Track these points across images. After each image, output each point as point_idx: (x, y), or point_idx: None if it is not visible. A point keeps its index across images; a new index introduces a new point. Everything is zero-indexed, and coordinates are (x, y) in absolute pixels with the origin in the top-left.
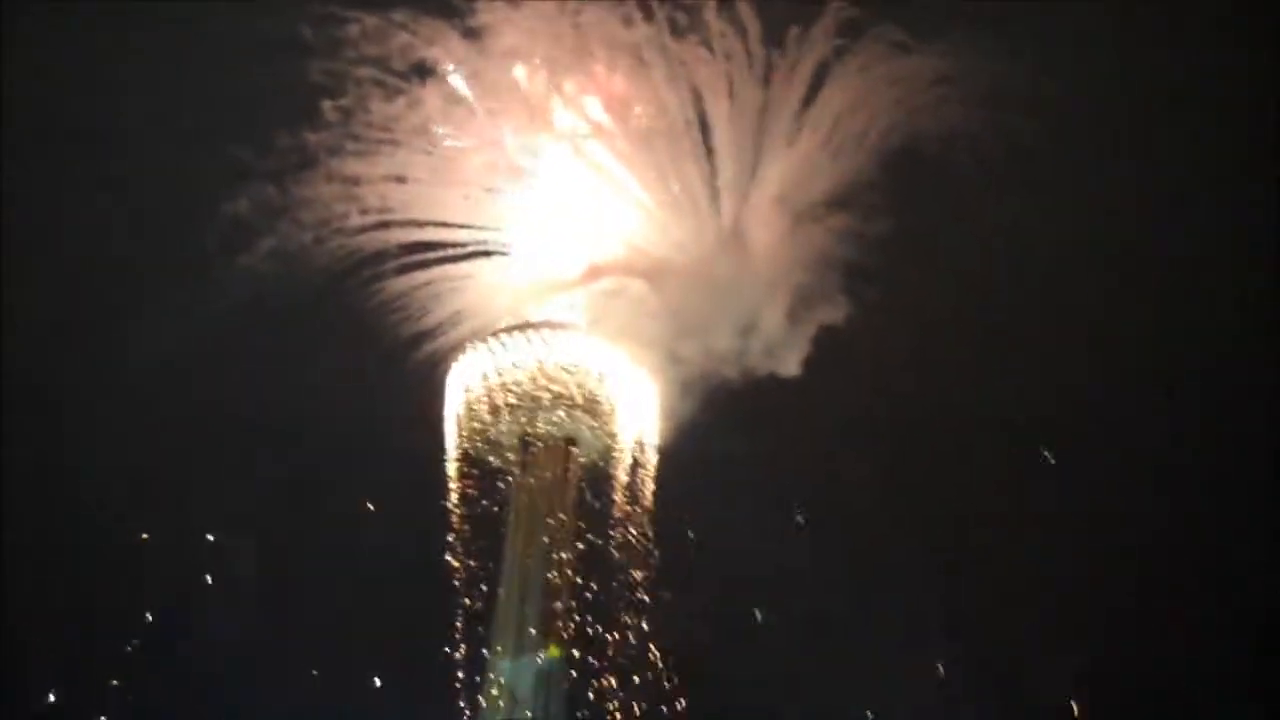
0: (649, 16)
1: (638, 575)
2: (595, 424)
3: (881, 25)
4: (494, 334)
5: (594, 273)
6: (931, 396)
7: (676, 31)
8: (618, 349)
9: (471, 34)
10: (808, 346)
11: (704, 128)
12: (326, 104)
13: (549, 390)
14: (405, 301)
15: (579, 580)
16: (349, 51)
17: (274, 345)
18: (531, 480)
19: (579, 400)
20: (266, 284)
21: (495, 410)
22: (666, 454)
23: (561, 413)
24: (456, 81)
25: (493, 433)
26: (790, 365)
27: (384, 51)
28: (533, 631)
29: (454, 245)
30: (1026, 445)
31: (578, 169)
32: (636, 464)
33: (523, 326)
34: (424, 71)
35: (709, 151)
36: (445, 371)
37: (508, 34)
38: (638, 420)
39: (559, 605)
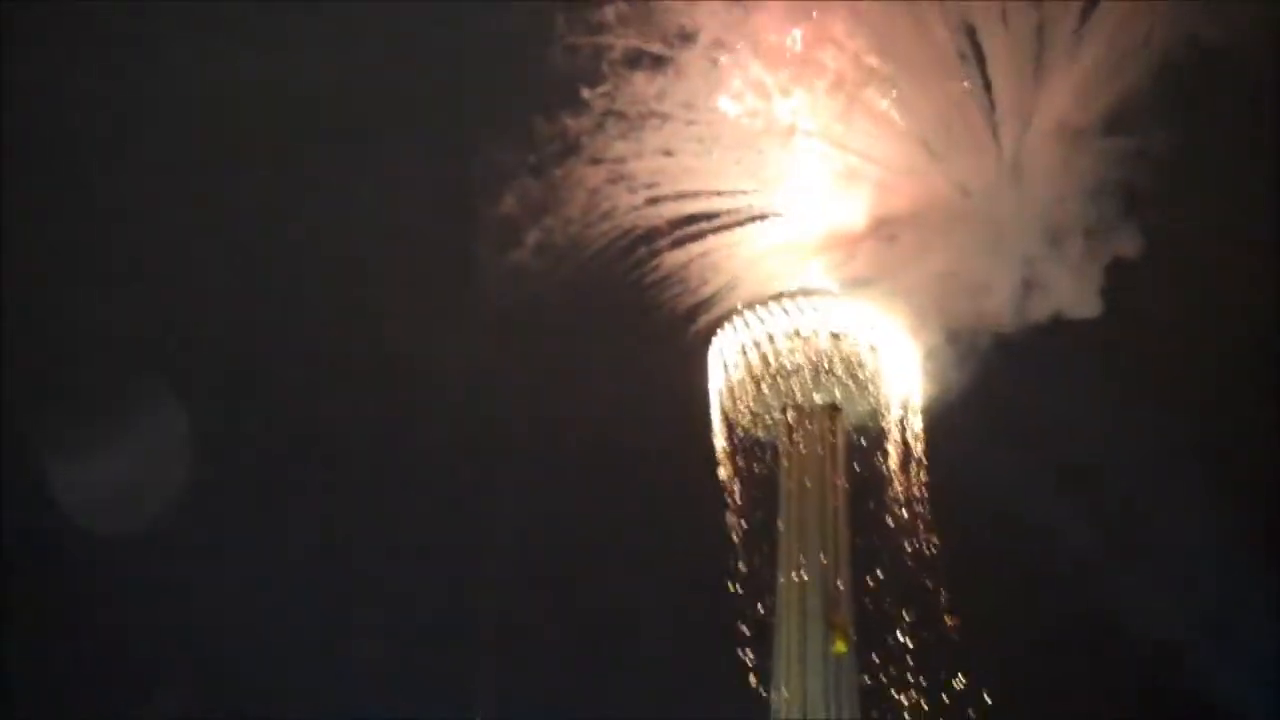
0: None
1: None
2: (862, 391)
3: None
4: (753, 305)
5: (872, 226)
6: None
7: None
8: (888, 308)
9: None
10: (1101, 284)
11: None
12: (584, 88)
13: (811, 359)
14: (680, 276)
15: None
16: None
17: (550, 339)
18: (799, 451)
19: (842, 368)
20: (539, 279)
21: (758, 382)
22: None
23: (826, 381)
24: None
25: (756, 406)
26: (1087, 304)
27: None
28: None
29: (726, 213)
30: None
31: (850, 120)
32: (906, 430)
33: (781, 295)
34: (683, 38)
35: (986, 85)
36: (711, 346)
37: None
38: (908, 385)
39: (842, 592)
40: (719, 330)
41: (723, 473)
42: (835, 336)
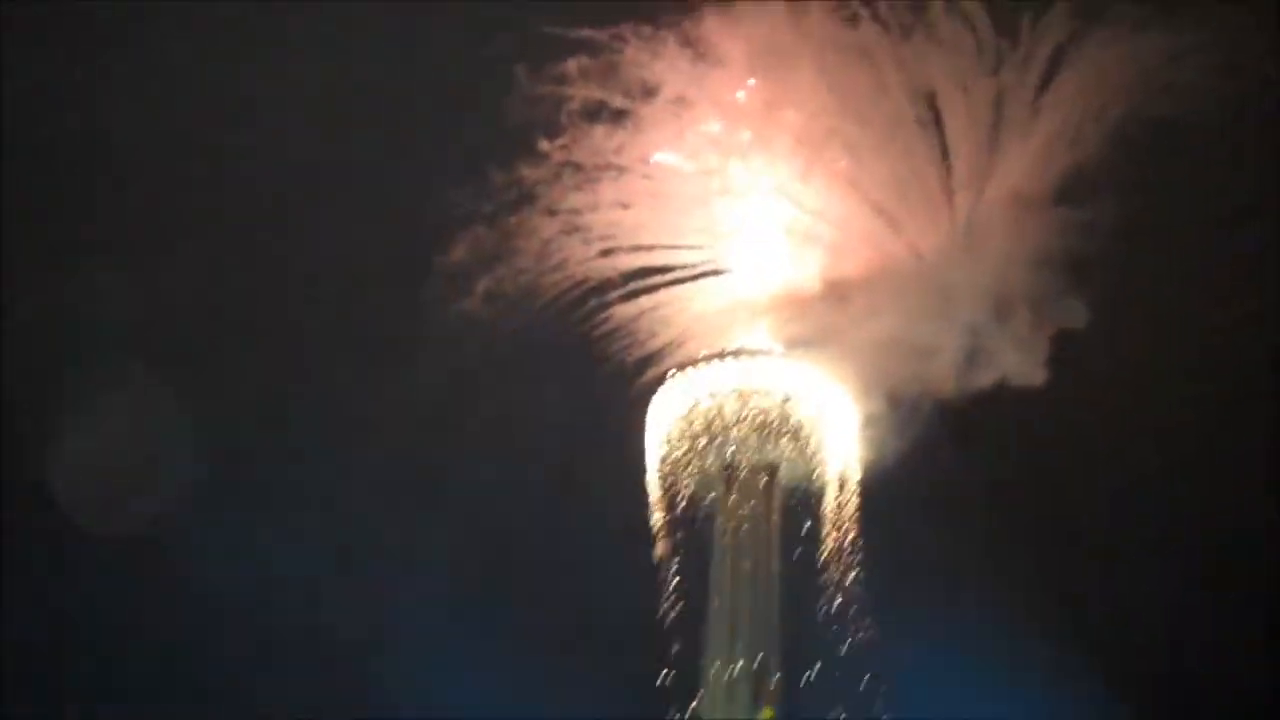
0: (875, 16)
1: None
2: (799, 451)
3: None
4: (696, 362)
5: (822, 287)
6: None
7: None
8: (831, 371)
9: (689, 49)
10: (1047, 353)
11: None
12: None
13: (751, 418)
14: (630, 329)
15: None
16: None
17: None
18: (735, 512)
19: (781, 427)
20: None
21: (697, 440)
22: (880, 480)
23: (765, 440)
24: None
25: (696, 463)
26: (1032, 373)
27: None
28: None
29: (677, 268)
30: None
31: (807, 180)
32: (843, 492)
33: (724, 354)
34: (645, 92)
35: (943, 150)
36: (653, 401)
37: (725, 47)
38: (846, 446)
39: (771, 659)
40: (660, 386)
41: (660, 538)
42: (775, 397)
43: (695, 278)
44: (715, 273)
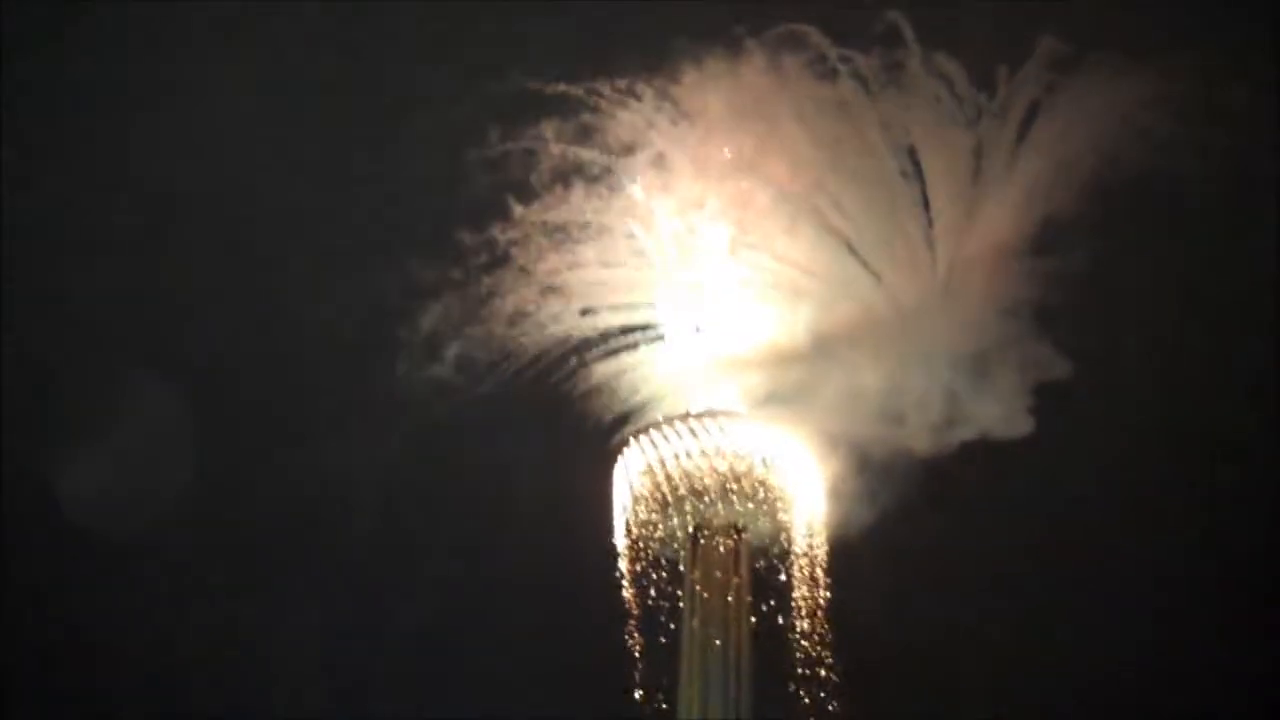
0: (853, 72)
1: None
2: (769, 514)
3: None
4: (661, 424)
5: (803, 343)
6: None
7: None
8: (805, 431)
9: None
10: (1030, 408)
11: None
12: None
13: (717, 481)
14: (602, 389)
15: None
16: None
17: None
18: (702, 578)
19: (749, 490)
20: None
21: (663, 504)
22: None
23: (732, 504)
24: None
25: (661, 528)
26: (1014, 426)
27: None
28: None
29: (647, 328)
30: None
31: (791, 235)
32: (812, 555)
33: (688, 416)
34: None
35: (924, 201)
36: (617, 464)
37: (702, 103)
38: (815, 507)
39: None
40: (626, 447)
41: (626, 589)
42: (747, 458)
43: (664, 337)
44: (690, 331)
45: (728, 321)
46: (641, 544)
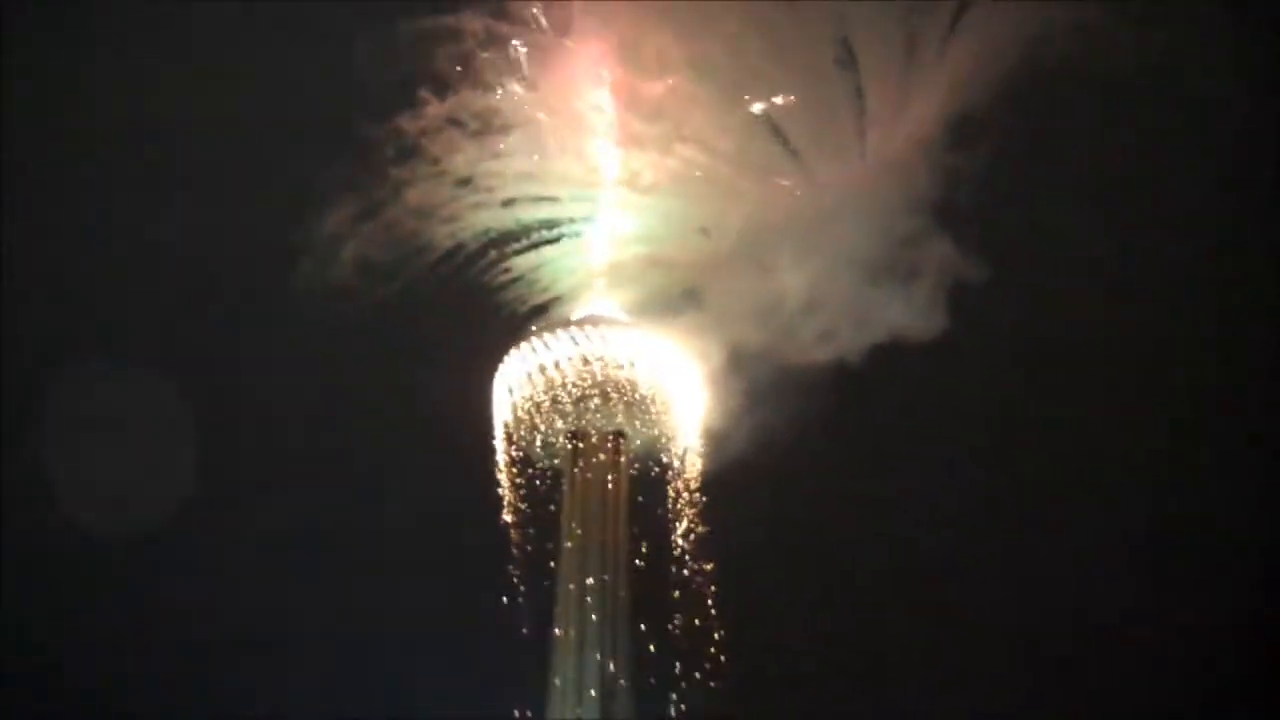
0: None
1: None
2: (648, 419)
3: None
4: (541, 330)
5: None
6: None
7: None
8: (704, 335)
9: None
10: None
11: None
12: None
13: (598, 386)
14: (491, 291)
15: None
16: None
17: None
18: (582, 477)
19: (630, 396)
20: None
21: (543, 409)
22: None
23: (612, 408)
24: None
25: (542, 432)
26: (927, 327)
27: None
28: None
29: (551, 225)
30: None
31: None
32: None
33: (569, 323)
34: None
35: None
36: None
37: None
38: (697, 414)
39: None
40: (509, 354)
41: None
42: (627, 364)
43: (564, 237)
44: (595, 226)
45: (651, 218)
46: (523, 448)
